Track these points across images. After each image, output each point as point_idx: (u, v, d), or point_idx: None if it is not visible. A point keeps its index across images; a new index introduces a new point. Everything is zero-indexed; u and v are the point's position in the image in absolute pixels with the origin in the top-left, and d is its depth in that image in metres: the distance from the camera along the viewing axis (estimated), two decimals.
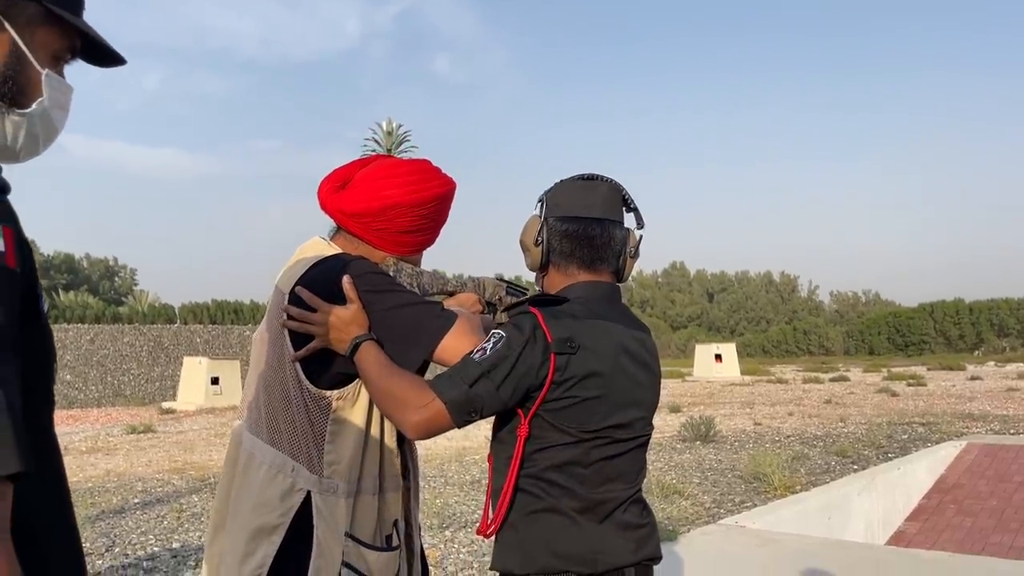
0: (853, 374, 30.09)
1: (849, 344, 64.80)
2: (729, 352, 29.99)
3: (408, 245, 1.72)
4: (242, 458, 1.63)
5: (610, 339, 1.48)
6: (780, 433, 11.63)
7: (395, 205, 1.64)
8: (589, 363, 1.43)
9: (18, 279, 0.81)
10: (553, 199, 1.59)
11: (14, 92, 0.93)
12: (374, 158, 1.76)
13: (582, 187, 1.58)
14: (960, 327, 60.52)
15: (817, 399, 18.08)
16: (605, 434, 1.46)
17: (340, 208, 1.67)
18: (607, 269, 1.58)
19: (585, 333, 1.45)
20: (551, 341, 1.41)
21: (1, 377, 0.73)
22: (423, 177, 1.69)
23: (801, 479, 7.64)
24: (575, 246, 1.56)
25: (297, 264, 1.65)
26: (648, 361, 1.56)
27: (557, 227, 1.57)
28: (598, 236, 1.55)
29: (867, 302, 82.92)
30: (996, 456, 9.26)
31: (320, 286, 1.55)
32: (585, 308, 1.50)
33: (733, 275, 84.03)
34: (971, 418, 13.21)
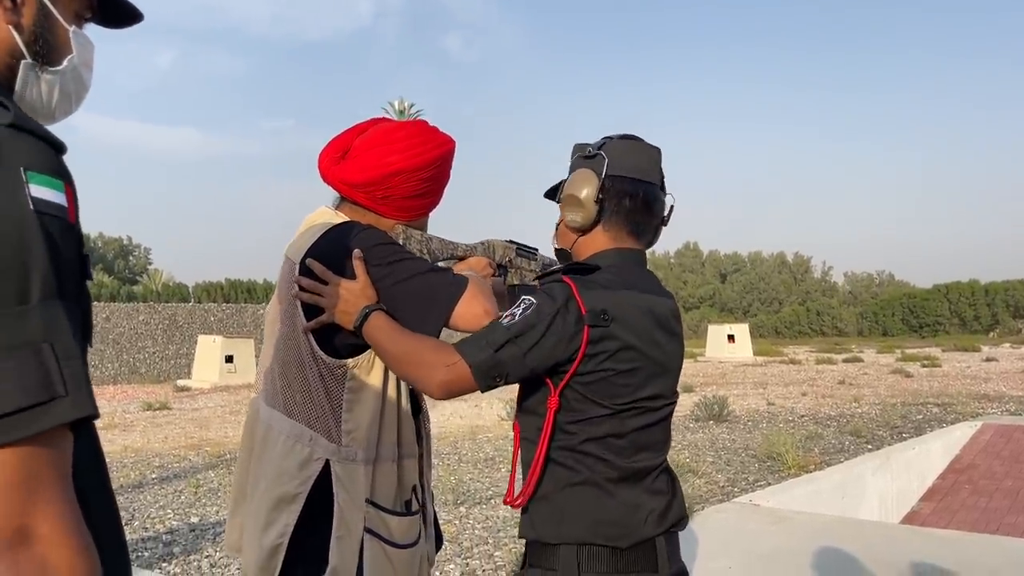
0: (867, 355, 29.95)
1: (863, 325, 64.48)
2: (742, 333, 29.89)
3: (414, 209, 1.71)
4: (260, 430, 1.63)
5: (642, 309, 1.44)
6: (793, 413, 11.62)
7: (397, 172, 1.62)
8: (624, 335, 1.40)
9: (79, 236, 0.82)
10: (614, 155, 1.51)
11: (46, 51, 0.94)
12: (371, 123, 1.74)
13: (639, 148, 1.53)
14: (975, 308, 60.09)
15: (831, 380, 18.03)
16: (640, 405, 1.44)
17: (342, 179, 1.66)
18: (648, 236, 1.56)
19: (619, 304, 1.41)
20: (585, 313, 1.37)
21: (68, 327, 0.75)
22: (422, 140, 1.66)
23: (815, 458, 7.64)
24: (634, 210, 1.51)
25: (307, 233, 1.64)
26: (675, 328, 1.53)
27: (619, 187, 1.50)
28: (655, 202, 1.53)
29: (881, 283, 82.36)
30: (1012, 437, 9.22)
31: (331, 256, 1.55)
32: (618, 277, 1.46)
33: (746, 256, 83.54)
34: (986, 399, 13.15)
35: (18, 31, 0.91)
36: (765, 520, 5.09)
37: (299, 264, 1.59)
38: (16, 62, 0.92)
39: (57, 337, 0.74)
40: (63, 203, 0.77)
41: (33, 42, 0.92)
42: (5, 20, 0.90)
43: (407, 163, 1.63)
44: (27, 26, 0.91)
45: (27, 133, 0.78)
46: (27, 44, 0.92)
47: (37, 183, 0.75)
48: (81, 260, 0.82)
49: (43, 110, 0.95)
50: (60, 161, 0.80)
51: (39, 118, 0.92)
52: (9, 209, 0.73)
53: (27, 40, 0.92)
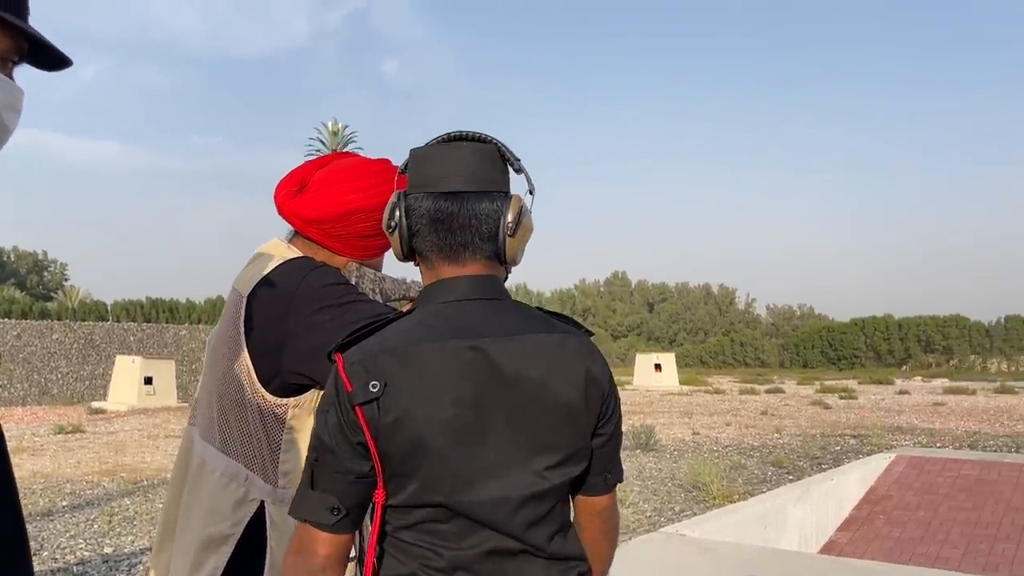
0: (788, 386, 30.80)
1: (784, 356, 66.33)
2: (668, 362, 30.42)
3: (370, 249, 1.67)
4: (193, 463, 1.58)
5: (442, 365, 1.11)
6: (718, 443, 11.85)
7: (355, 210, 1.58)
8: (404, 409, 1.09)
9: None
10: (411, 167, 1.22)
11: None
12: (332, 157, 1.70)
13: (437, 151, 1.19)
14: (889, 342, 62.51)
15: (753, 410, 18.47)
16: (444, 497, 1.11)
17: (298, 214, 1.61)
18: (478, 257, 1.19)
19: (402, 365, 1.10)
20: (351, 390, 1.09)
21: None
22: (383, 179, 1.63)
23: (739, 488, 7.79)
24: (432, 230, 1.18)
25: (257, 264, 1.59)
26: (531, 380, 1.13)
27: (412, 206, 1.19)
28: (457, 215, 1.17)
29: (801, 316, 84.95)
30: (923, 469, 9.57)
31: (279, 292, 1.50)
32: (420, 324, 1.15)
33: (673, 286, 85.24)
34: (900, 431, 13.66)
35: None
36: (691, 551, 5.16)
37: (246, 298, 1.54)
38: None
39: None
40: None
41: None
42: None
43: (366, 202, 1.59)
44: None
45: None
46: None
47: None
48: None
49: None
50: None
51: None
52: None
53: None
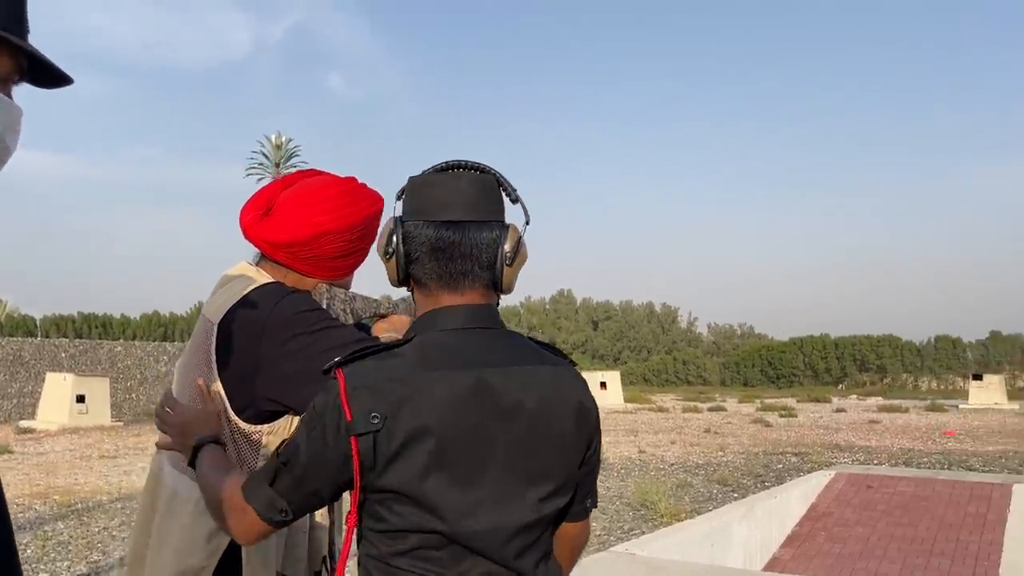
0: (729, 404, 31.31)
1: (725, 375, 67.51)
2: (614, 380, 30.67)
3: (339, 269, 1.65)
4: (164, 494, 1.53)
5: (446, 396, 1.12)
6: (664, 461, 11.97)
7: (324, 232, 1.55)
8: (404, 440, 1.09)
9: None
10: (410, 196, 1.23)
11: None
12: (297, 176, 1.66)
13: (438, 180, 1.22)
14: (826, 361, 64.15)
15: (697, 428, 18.72)
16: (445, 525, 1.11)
17: (266, 238, 1.57)
18: (477, 285, 1.21)
19: (405, 396, 1.10)
20: (351, 419, 1.08)
21: None
22: (351, 199, 1.60)
23: (686, 507, 7.87)
24: (432, 258, 1.19)
25: (226, 291, 1.55)
26: (529, 410, 1.16)
27: (412, 232, 1.21)
28: (459, 244, 1.19)
29: (742, 335, 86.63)
30: (861, 486, 9.80)
31: (250, 321, 1.48)
32: (422, 352, 1.16)
33: (617, 304, 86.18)
34: (838, 448, 14.00)
35: None
36: (641, 570, 5.18)
37: (217, 326, 1.51)
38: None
39: None
40: None
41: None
42: None
43: (335, 224, 1.56)
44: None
45: None
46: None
47: None
48: None
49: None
50: None
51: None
52: None
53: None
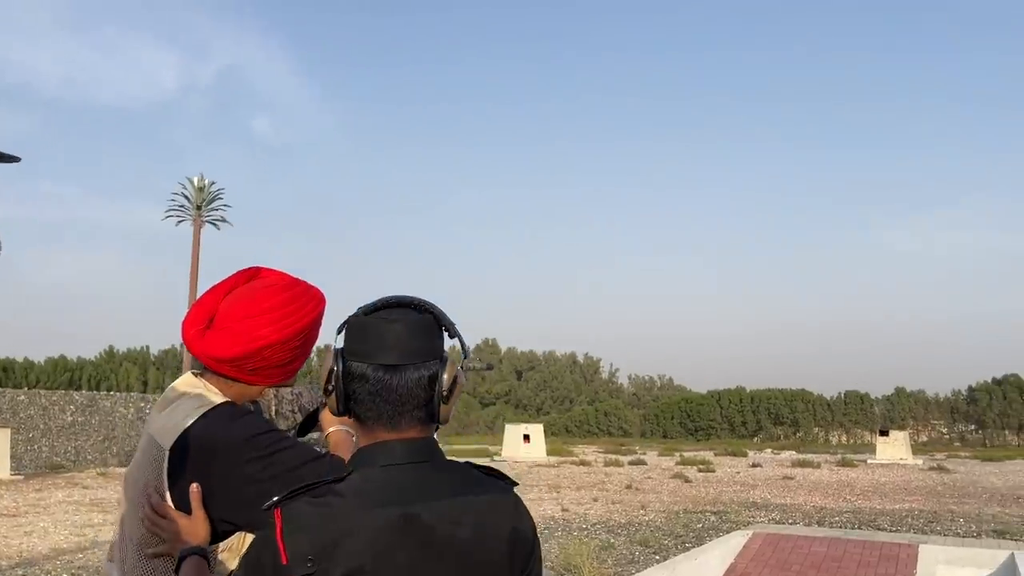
0: (649, 457, 31.69)
1: (645, 427, 68.30)
2: (537, 433, 30.74)
3: (284, 375, 1.66)
4: None
5: (378, 534, 1.16)
6: (587, 520, 12.04)
7: (267, 346, 1.56)
8: (338, 572, 1.13)
9: None
10: (350, 335, 1.27)
11: None
12: (237, 280, 1.67)
13: (379, 322, 1.25)
14: (743, 414, 65.62)
15: (619, 483, 18.91)
16: None
17: (209, 354, 1.58)
18: (413, 422, 1.25)
19: (339, 536, 1.14)
20: (285, 563, 1.12)
21: None
22: (293, 307, 1.61)
23: (609, 570, 7.94)
24: (371, 399, 1.24)
25: (176, 412, 1.54)
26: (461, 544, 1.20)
27: (353, 371, 1.25)
28: (396, 386, 1.23)
29: (662, 386, 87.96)
30: (777, 545, 10.06)
31: (203, 446, 1.49)
32: (359, 489, 1.19)
33: (541, 354, 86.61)
34: (755, 507, 14.34)
35: None
36: None
37: (168, 451, 1.51)
38: None
39: None
40: None
41: None
42: None
43: (278, 335, 1.57)
44: None
45: None
46: None
47: None
48: None
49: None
50: None
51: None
52: None
53: None
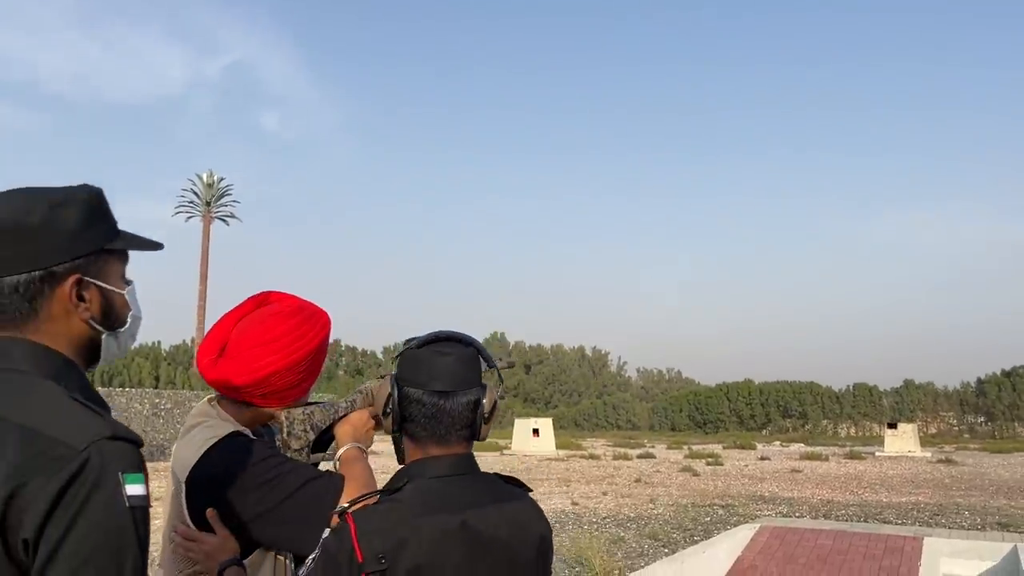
0: (658, 451, 31.87)
1: (654, 420, 68.44)
2: (546, 427, 30.94)
3: (296, 396, 1.76)
4: None
5: (438, 537, 1.37)
6: (596, 514, 12.23)
7: (274, 372, 1.66)
8: (407, 570, 1.33)
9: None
10: (405, 365, 1.50)
11: (113, 319, 1.16)
12: (248, 307, 1.77)
13: (432, 354, 1.48)
14: (751, 407, 65.70)
15: (628, 477, 19.08)
16: None
17: (220, 381, 1.68)
18: (459, 440, 1.48)
19: (405, 538, 1.34)
20: (361, 560, 1.31)
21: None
22: (300, 333, 1.70)
23: (619, 563, 8.13)
24: (425, 420, 1.46)
25: (190, 445, 1.66)
26: (504, 543, 1.43)
27: (408, 396, 1.47)
28: (448, 410, 1.45)
29: (670, 379, 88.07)
30: (784, 539, 10.24)
31: (213, 477, 1.61)
32: (417, 498, 1.40)
33: (549, 348, 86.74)
34: (762, 500, 14.50)
35: (93, 320, 1.13)
36: None
37: (184, 483, 1.62)
38: (98, 338, 1.14)
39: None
40: (144, 492, 1.01)
41: (104, 319, 1.15)
42: (81, 318, 1.12)
43: (284, 362, 1.67)
44: (97, 312, 1.14)
45: (119, 440, 1.01)
46: (100, 323, 1.14)
47: (130, 482, 0.99)
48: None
49: (119, 356, 1.19)
50: (141, 456, 1.03)
51: (111, 361, 1.19)
52: (115, 508, 0.98)
53: (99, 321, 1.14)
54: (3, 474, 0.95)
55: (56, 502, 0.94)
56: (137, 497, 0.99)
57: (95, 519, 0.95)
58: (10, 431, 0.98)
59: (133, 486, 0.99)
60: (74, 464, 0.96)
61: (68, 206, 1.12)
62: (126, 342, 1.19)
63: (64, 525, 0.94)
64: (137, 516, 0.99)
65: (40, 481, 0.94)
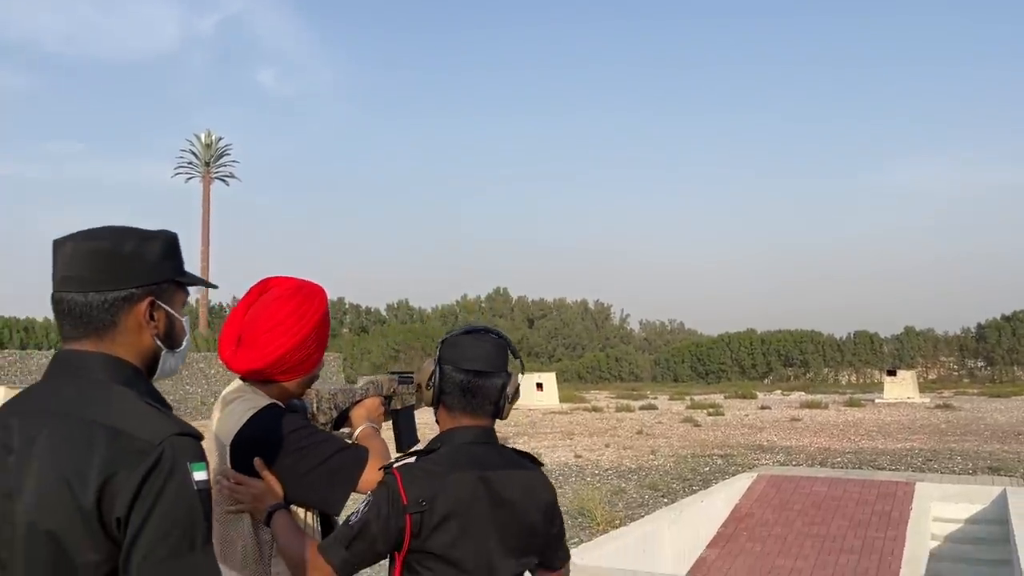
0: (660, 402, 32.31)
1: (656, 371, 69.00)
2: (549, 381, 31.34)
3: (311, 366, 1.99)
4: None
5: (465, 489, 1.68)
6: (599, 467, 12.58)
7: (287, 351, 1.88)
8: (443, 517, 1.64)
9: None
10: (447, 348, 1.81)
11: (173, 340, 1.39)
12: (255, 294, 1.98)
13: (471, 341, 1.81)
14: (753, 357, 66.20)
15: (630, 429, 19.47)
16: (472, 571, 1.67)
17: (244, 368, 1.92)
18: (486, 414, 1.79)
19: (439, 488, 1.65)
20: (406, 503, 1.62)
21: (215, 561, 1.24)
22: (300, 314, 1.91)
23: (620, 513, 8.46)
24: (461, 394, 1.77)
25: (232, 415, 1.88)
26: (517, 500, 1.74)
27: (448, 374, 1.78)
28: (481, 387, 1.77)
29: (672, 331, 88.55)
30: (781, 487, 10.56)
31: (259, 441, 1.83)
32: (449, 458, 1.72)
33: (552, 302, 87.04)
34: (761, 449, 14.85)
35: (158, 337, 1.37)
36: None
37: (229, 446, 1.85)
38: (159, 353, 1.37)
39: (212, 570, 1.22)
40: (207, 477, 1.24)
41: (166, 338, 1.38)
42: (150, 334, 1.35)
43: (295, 339, 1.89)
44: (162, 331, 1.37)
45: (185, 436, 1.23)
46: (163, 341, 1.38)
47: (196, 470, 1.21)
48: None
49: (170, 373, 1.42)
50: (202, 448, 1.26)
51: (166, 376, 1.41)
52: (187, 492, 1.20)
53: (163, 339, 1.38)
54: (97, 466, 1.16)
55: (140, 488, 1.15)
56: (202, 482, 1.21)
57: (171, 501, 1.17)
58: (99, 430, 1.19)
59: (198, 473, 1.21)
60: (152, 457, 1.17)
61: (152, 241, 1.36)
62: (178, 362, 1.42)
63: (147, 507, 1.15)
64: (203, 497, 1.21)
65: (126, 471, 1.16)
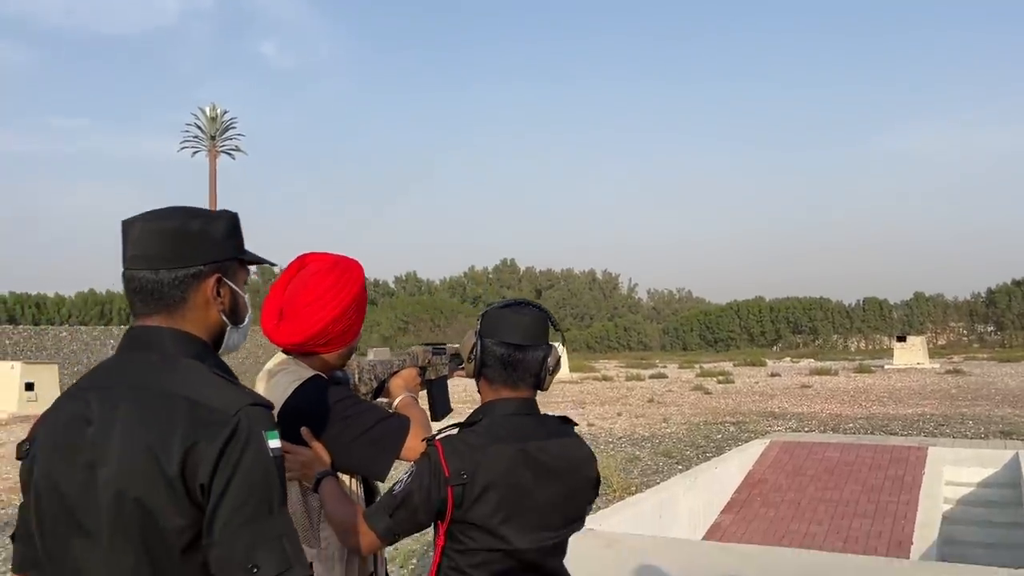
0: (670, 370, 32.39)
1: (665, 340, 69.13)
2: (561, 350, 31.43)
3: (350, 338, 2.03)
4: None
5: (506, 461, 1.70)
6: (612, 435, 12.66)
7: (327, 324, 1.93)
8: (483, 489, 1.66)
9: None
10: (487, 322, 1.83)
11: (236, 316, 1.44)
12: (294, 269, 2.02)
13: (511, 314, 1.81)
14: (761, 324, 66.22)
15: (641, 397, 19.55)
16: (507, 545, 1.70)
17: (287, 342, 1.97)
18: (527, 386, 1.80)
19: (481, 460, 1.68)
20: (448, 475, 1.65)
21: (291, 521, 1.28)
22: (339, 287, 1.95)
23: (635, 480, 8.53)
24: (501, 367, 1.78)
25: (278, 386, 1.94)
26: (558, 469, 1.76)
27: (488, 347, 1.80)
28: (521, 360, 1.78)
29: (681, 299, 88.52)
30: (793, 453, 10.61)
31: (304, 412, 1.88)
32: (490, 430, 1.74)
33: (559, 272, 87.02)
34: (772, 416, 14.91)
35: (224, 313, 1.41)
36: (598, 543, 5.76)
37: (276, 415, 1.88)
38: (224, 328, 1.42)
39: (289, 530, 1.26)
40: (279, 445, 1.28)
41: (231, 314, 1.43)
42: (217, 310, 1.39)
43: (335, 311, 1.93)
44: (227, 307, 1.41)
45: (258, 406, 1.27)
46: (228, 317, 1.42)
47: (270, 438, 1.26)
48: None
49: (234, 348, 1.46)
50: (273, 416, 1.30)
51: (230, 351, 1.45)
52: (263, 459, 1.24)
53: (228, 315, 1.42)
54: (179, 436, 1.21)
55: (220, 457, 1.20)
56: (276, 449, 1.25)
57: (249, 469, 1.21)
58: (178, 401, 1.24)
59: (272, 441, 1.25)
60: (229, 427, 1.22)
61: (217, 221, 1.40)
62: (241, 337, 1.46)
63: (228, 474, 1.20)
64: (278, 463, 1.25)
65: (206, 441, 1.20)
